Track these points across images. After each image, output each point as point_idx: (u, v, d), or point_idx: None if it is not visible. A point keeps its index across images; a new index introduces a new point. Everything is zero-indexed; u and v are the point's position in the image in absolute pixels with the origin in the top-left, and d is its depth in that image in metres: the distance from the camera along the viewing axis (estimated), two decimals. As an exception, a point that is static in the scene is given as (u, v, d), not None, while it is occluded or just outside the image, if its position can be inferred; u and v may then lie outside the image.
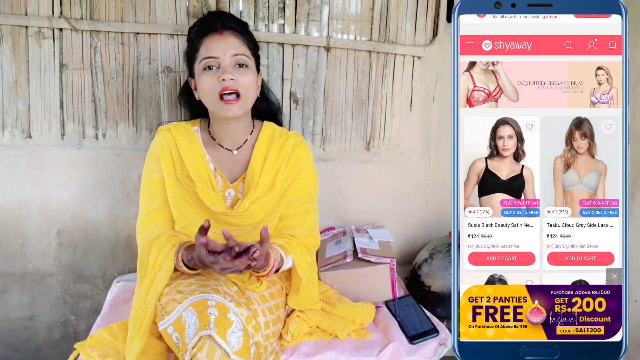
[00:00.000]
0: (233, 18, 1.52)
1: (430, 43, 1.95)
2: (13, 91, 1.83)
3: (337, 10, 1.88)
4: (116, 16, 1.81)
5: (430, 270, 1.81)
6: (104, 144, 1.90)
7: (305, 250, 1.50)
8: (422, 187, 2.07)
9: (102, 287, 1.99)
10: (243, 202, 1.47)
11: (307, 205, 1.55)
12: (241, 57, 1.44)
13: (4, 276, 1.96)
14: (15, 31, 1.79)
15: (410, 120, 2.01)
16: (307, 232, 1.54)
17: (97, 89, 1.86)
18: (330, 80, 1.93)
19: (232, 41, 1.44)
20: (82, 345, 1.39)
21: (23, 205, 1.90)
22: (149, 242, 1.45)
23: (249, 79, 1.43)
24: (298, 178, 1.54)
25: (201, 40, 1.45)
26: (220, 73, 1.40)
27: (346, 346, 1.48)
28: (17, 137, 1.86)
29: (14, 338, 2.03)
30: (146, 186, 1.51)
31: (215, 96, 1.40)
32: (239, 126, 1.52)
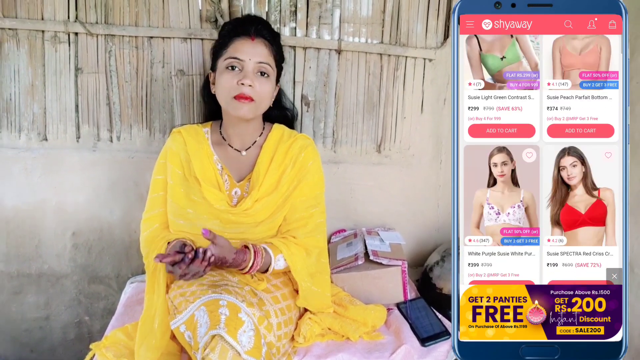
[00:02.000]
0: (268, 27, 1.55)
1: (441, 45, 1.94)
2: (29, 95, 1.87)
3: (348, 13, 1.89)
4: (130, 20, 1.84)
5: (441, 272, 1.80)
6: (118, 147, 1.92)
7: (303, 251, 1.50)
8: (433, 189, 2.06)
9: (116, 288, 2.02)
10: (246, 201, 1.50)
11: (312, 209, 1.56)
12: (265, 66, 1.47)
13: (20, 277, 2.00)
14: (32, 35, 1.83)
15: (421, 123, 2.00)
16: (307, 234, 1.54)
17: (111, 92, 1.89)
18: (342, 83, 1.94)
19: (261, 49, 1.47)
20: (97, 346, 1.41)
21: (39, 207, 1.93)
22: (146, 242, 1.52)
23: (266, 89, 1.47)
24: (304, 181, 1.54)
25: (232, 40, 1.48)
26: (241, 76, 1.44)
27: (358, 348, 1.47)
28: (33, 139, 1.90)
29: (30, 338, 2.06)
30: (152, 185, 1.57)
31: (230, 96, 1.44)
32: (249, 127, 1.55)
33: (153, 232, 1.53)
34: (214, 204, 1.48)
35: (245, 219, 1.50)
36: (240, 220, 1.50)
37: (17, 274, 1.99)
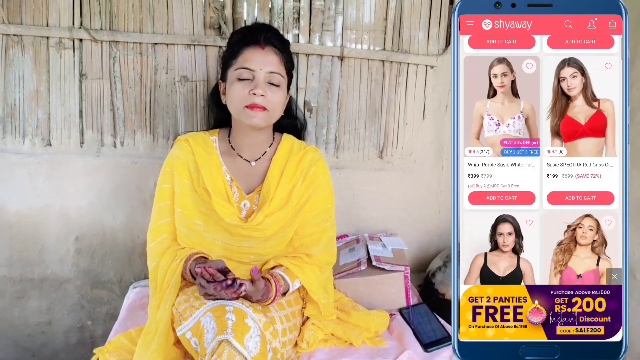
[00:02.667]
0: (277, 35, 1.52)
1: (443, 52, 1.95)
2: (34, 100, 1.88)
3: (350, 20, 1.90)
4: (135, 27, 1.85)
5: (444, 278, 1.80)
6: (122, 152, 1.93)
7: (317, 270, 1.51)
8: (435, 195, 2.07)
9: (119, 293, 2.02)
10: (257, 216, 1.47)
11: (324, 223, 1.55)
12: (276, 75, 1.45)
13: (23, 282, 2.00)
14: (37, 42, 1.84)
15: (423, 129, 2.01)
16: (321, 250, 1.54)
17: (115, 98, 1.90)
18: (344, 89, 1.95)
19: (272, 58, 1.45)
20: (101, 351, 1.41)
21: (42, 212, 1.94)
22: (155, 254, 1.49)
23: (278, 98, 1.45)
24: (315, 195, 1.53)
25: (242, 49, 1.45)
26: (252, 86, 1.41)
27: (361, 353, 1.47)
28: (37, 145, 1.91)
29: (32, 343, 2.07)
30: (158, 194, 1.53)
31: (241, 106, 1.42)
32: (260, 137, 1.53)
33: (161, 243, 1.50)
34: (224, 218, 1.45)
35: (255, 233, 1.48)
36: (251, 234, 1.48)
37: (19, 279, 1.99)
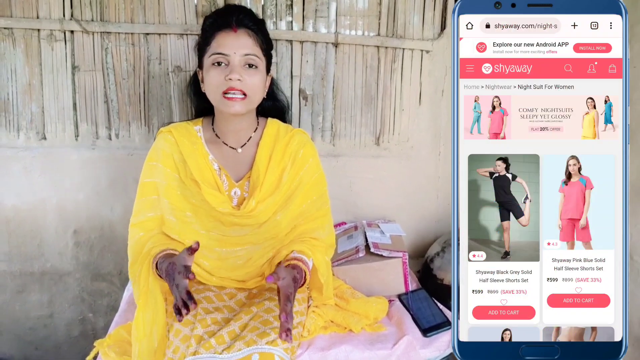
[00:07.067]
0: (250, 15, 1.45)
1: (438, 37, 1.94)
2: (27, 94, 1.86)
3: (344, 6, 1.88)
4: (126, 17, 1.83)
5: (442, 263, 1.81)
6: (117, 144, 1.92)
7: (324, 252, 1.50)
8: (432, 181, 2.07)
9: (119, 285, 2.03)
10: (249, 202, 1.45)
11: (324, 206, 1.55)
12: (252, 57, 1.39)
13: (23, 276, 2.00)
14: (28, 34, 1.82)
15: (419, 115, 2.00)
16: (327, 233, 1.54)
17: (109, 90, 1.88)
18: (339, 76, 1.94)
19: (245, 40, 1.40)
20: (101, 344, 1.41)
21: (39, 206, 1.94)
22: (132, 252, 1.46)
23: (257, 80, 1.40)
24: (307, 179, 1.52)
25: (214, 34, 1.40)
26: (228, 71, 1.36)
27: (360, 340, 1.48)
28: (32, 139, 1.90)
29: (34, 336, 2.08)
30: (140, 189, 1.50)
31: (219, 93, 1.37)
32: (243, 123, 1.49)
33: (138, 240, 1.46)
34: (216, 207, 1.43)
35: (248, 220, 1.46)
36: (244, 222, 1.46)
37: (19, 273, 2.00)
